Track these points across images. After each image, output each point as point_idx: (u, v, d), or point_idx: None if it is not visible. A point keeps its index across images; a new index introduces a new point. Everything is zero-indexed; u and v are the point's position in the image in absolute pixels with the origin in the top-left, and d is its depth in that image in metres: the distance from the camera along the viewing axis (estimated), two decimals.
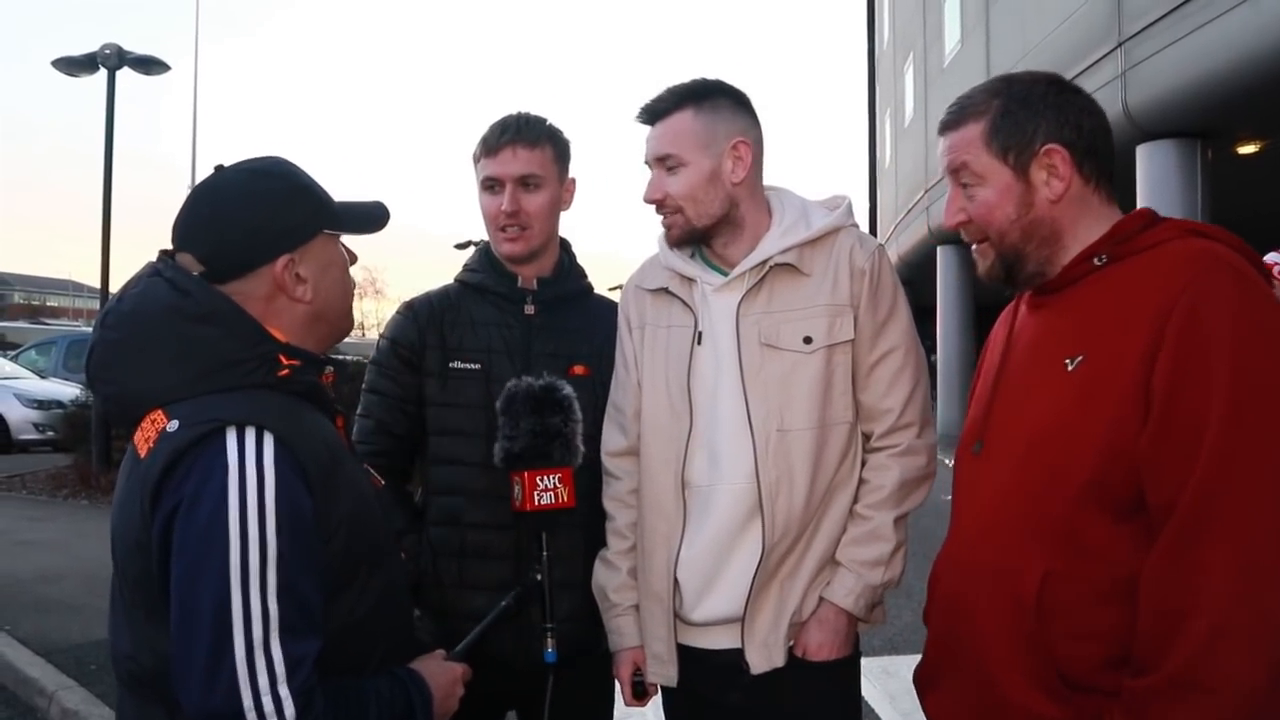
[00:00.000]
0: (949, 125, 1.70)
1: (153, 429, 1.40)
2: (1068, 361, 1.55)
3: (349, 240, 1.65)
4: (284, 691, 1.31)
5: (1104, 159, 1.65)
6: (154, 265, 1.52)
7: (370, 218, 1.63)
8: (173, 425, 1.38)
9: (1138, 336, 1.46)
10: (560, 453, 1.95)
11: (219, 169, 1.56)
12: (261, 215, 1.49)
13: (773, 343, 1.97)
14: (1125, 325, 1.49)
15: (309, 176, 1.59)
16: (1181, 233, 1.56)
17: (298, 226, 1.51)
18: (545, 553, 1.98)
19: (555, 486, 1.94)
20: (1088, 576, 1.49)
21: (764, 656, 1.96)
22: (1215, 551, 1.35)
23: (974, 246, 1.73)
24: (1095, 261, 1.59)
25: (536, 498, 1.93)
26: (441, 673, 1.61)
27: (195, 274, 1.47)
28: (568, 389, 1.97)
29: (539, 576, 1.97)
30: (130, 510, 1.40)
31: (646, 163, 2.07)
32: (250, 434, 1.35)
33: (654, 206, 2.06)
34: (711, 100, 2.03)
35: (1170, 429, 1.41)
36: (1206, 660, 1.34)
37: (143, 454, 1.40)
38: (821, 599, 1.98)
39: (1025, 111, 1.63)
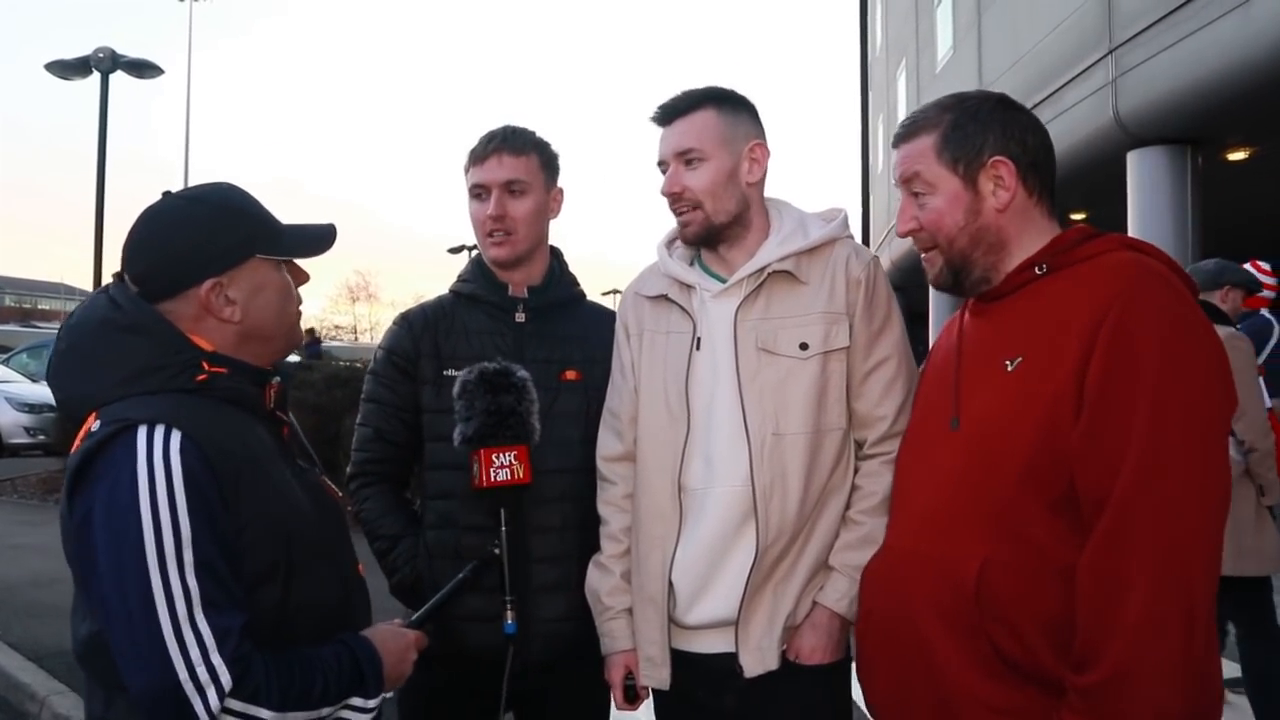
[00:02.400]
0: (902, 138, 1.79)
1: (84, 430, 1.51)
2: (1008, 362, 1.65)
3: (307, 262, 1.73)
4: (216, 660, 1.39)
5: (1046, 175, 1.76)
6: (106, 284, 1.65)
7: (310, 241, 1.70)
8: (96, 425, 1.49)
9: (1073, 340, 1.55)
10: (515, 430, 1.99)
11: (165, 195, 1.66)
12: (188, 241, 1.59)
13: (769, 348, 2.00)
14: (1061, 329, 1.58)
15: (250, 203, 1.67)
16: (1117, 246, 1.66)
17: (225, 251, 1.60)
18: (504, 528, 2.01)
19: (511, 463, 1.98)
20: (1024, 565, 1.57)
21: (758, 660, 1.97)
22: (1142, 544, 1.45)
23: (923, 255, 1.81)
24: (1037, 270, 1.69)
25: (492, 474, 1.98)
26: (392, 639, 1.68)
27: (134, 292, 1.60)
28: (522, 372, 2.02)
29: (496, 550, 2.01)
30: (63, 504, 1.52)
31: (662, 162, 2.09)
32: (159, 430, 1.45)
33: (670, 201, 2.08)
34: (731, 103, 2.08)
35: (1100, 428, 1.51)
36: (1141, 649, 1.42)
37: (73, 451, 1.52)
38: (815, 603, 1.99)
39: (974, 125, 1.72)
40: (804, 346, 1.99)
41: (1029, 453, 1.57)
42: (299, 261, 1.72)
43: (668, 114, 2.08)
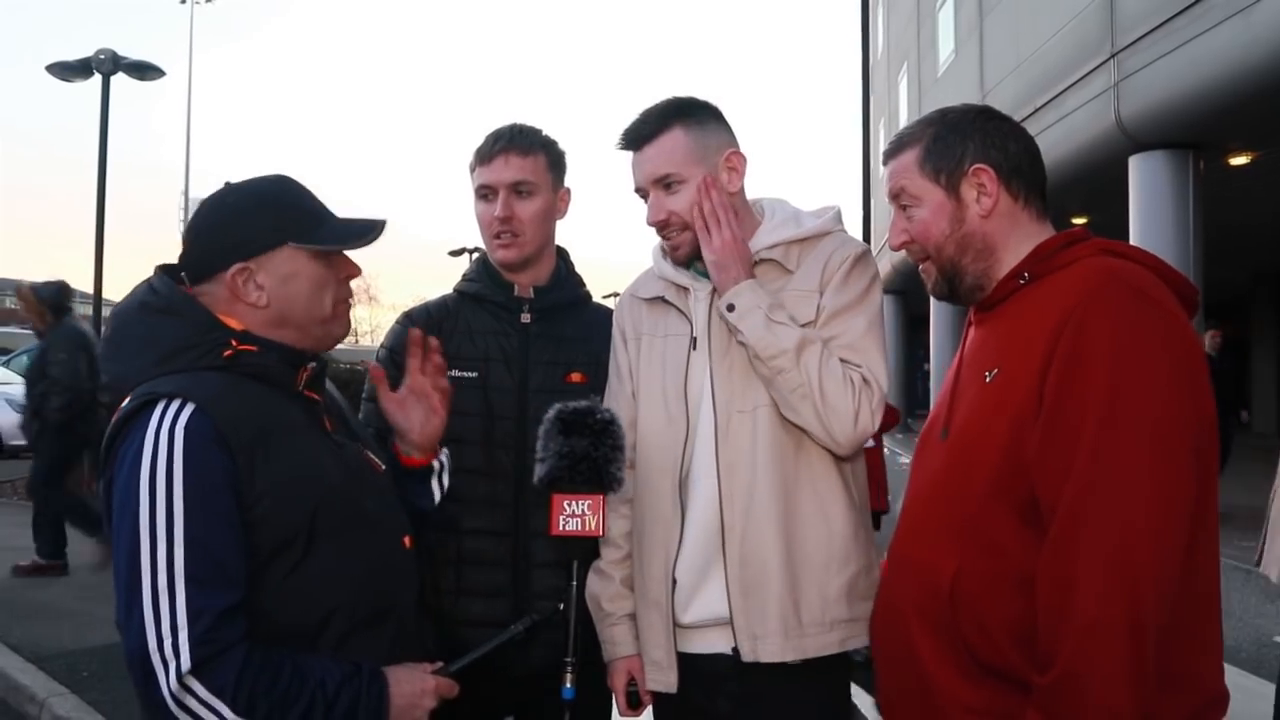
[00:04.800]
0: (889, 155, 1.83)
1: (119, 409, 1.58)
2: (987, 374, 1.69)
3: (356, 255, 1.74)
4: (182, 638, 1.41)
5: (1031, 179, 1.78)
6: (149, 276, 1.71)
7: (348, 234, 1.71)
8: (127, 402, 1.56)
9: (1036, 350, 1.58)
10: (587, 477, 1.86)
11: (224, 185, 1.74)
12: (220, 228, 1.67)
13: None
14: (1029, 340, 1.61)
15: (292, 194, 1.71)
16: (1095, 251, 1.68)
17: (253, 239, 1.65)
18: (573, 583, 1.89)
19: (582, 513, 1.86)
20: (994, 572, 1.60)
21: (750, 648, 1.94)
22: (1088, 549, 1.47)
23: (920, 267, 1.83)
24: (1020, 280, 1.72)
25: (561, 523, 1.85)
26: (409, 680, 1.62)
27: (179, 277, 1.68)
28: (606, 413, 1.89)
29: (561, 606, 1.89)
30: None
31: (639, 189, 2.06)
32: (174, 404, 1.51)
33: (657, 229, 2.06)
34: (697, 116, 2.04)
35: (1053, 435, 1.53)
36: (1087, 654, 1.44)
37: None
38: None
39: (954, 136, 1.76)
40: None
41: (996, 462, 1.60)
42: (350, 255, 1.74)
43: (636, 140, 2.03)
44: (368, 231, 1.71)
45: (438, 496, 1.98)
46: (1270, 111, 7.97)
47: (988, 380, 1.68)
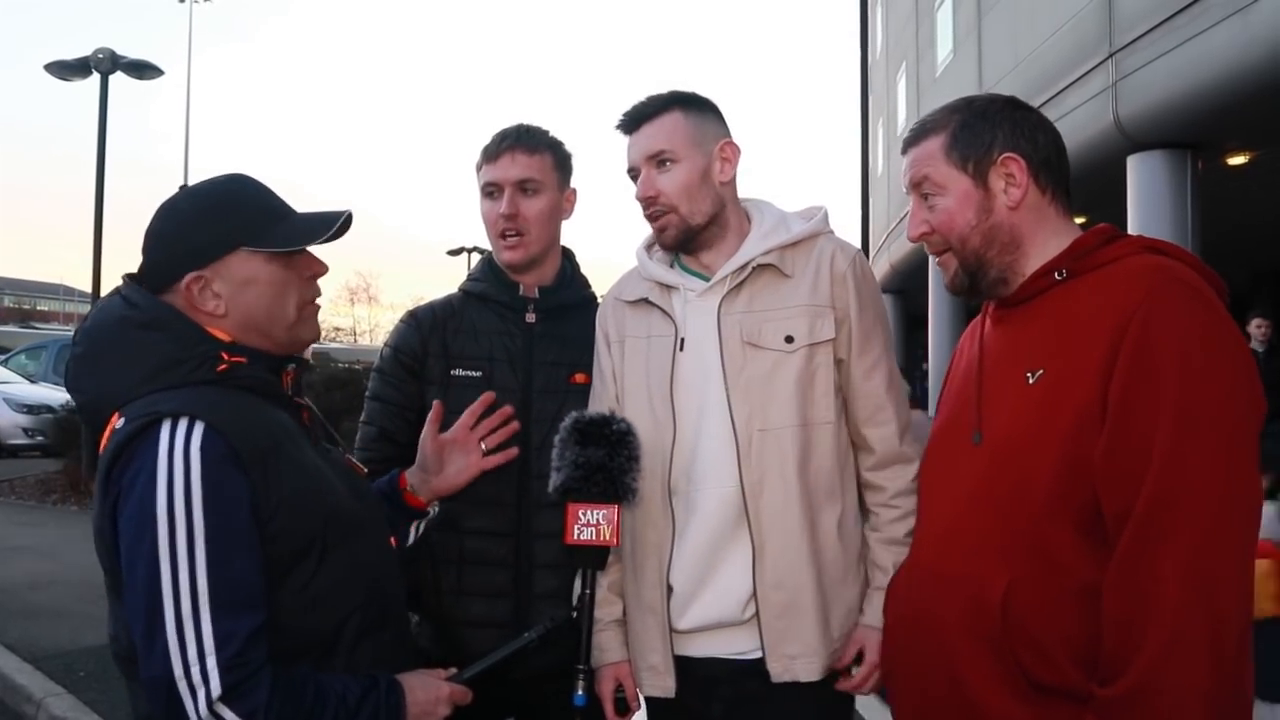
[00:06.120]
0: (911, 142, 1.76)
1: (109, 429, 1.52)
2: (1029, 375, 1.60)
3: (320, 251, 1.69)
4: (211, 664, 1.38)
5: (1059, 173, 1.71)
6: (117, 286, 1.66)
7: (304, 231, 1.64)
8: (121, 423, 1.50)
9: (1095, 351, 1.51)
10: (602, 488, 1.86)
11: (179, 189, 1.68)
12: (172, 236, 1.61)
13: (755, 341, 1.98)
14: (1083, 340, 1.53)
15: (247, 195, 1.64)
16: (1138, 249, 1.61)
17: (205, 246, 1.59)
18: (587, 591, 1.91)
19: (598, 523, 1.86)
20: (1050, 585, 1.53)
21: (784, 667, 1.94)
22: (1167, 560, 1.41)
23: (937, 259, 1.76)
24: (1056, 276, 1.63)
25: (576, 532, 1.86)
26: (423, 688, 1.62)
27: (142, 288, 1.62)
28: (622, 423, 1.90)
29: (575, 614, 1.91)
30: (95, 502, 1.54)
31: (632, 168, 2.07)
32: (182, 423, 1.46)
33: (644, 206, 2.06)
34: (697, 104, 2.07)
35: (1122, 441, 1.47)
36: (1165, 668, 1.38)
37: (101, 451, 1.54)
38: (858, 624, 1.97)
39: (983, 124, 1.69)
40: (789, 339, 1.97)
41: (1055, 470, 1.52)
42: (314, 251, 1.69)
43: (634, 120, 2.06)
44: (329, 225, 1.63)
45: (411, 539, 1.99)
46: (1269, 111, 7.97)
47: (1030, 382, 1.59)
